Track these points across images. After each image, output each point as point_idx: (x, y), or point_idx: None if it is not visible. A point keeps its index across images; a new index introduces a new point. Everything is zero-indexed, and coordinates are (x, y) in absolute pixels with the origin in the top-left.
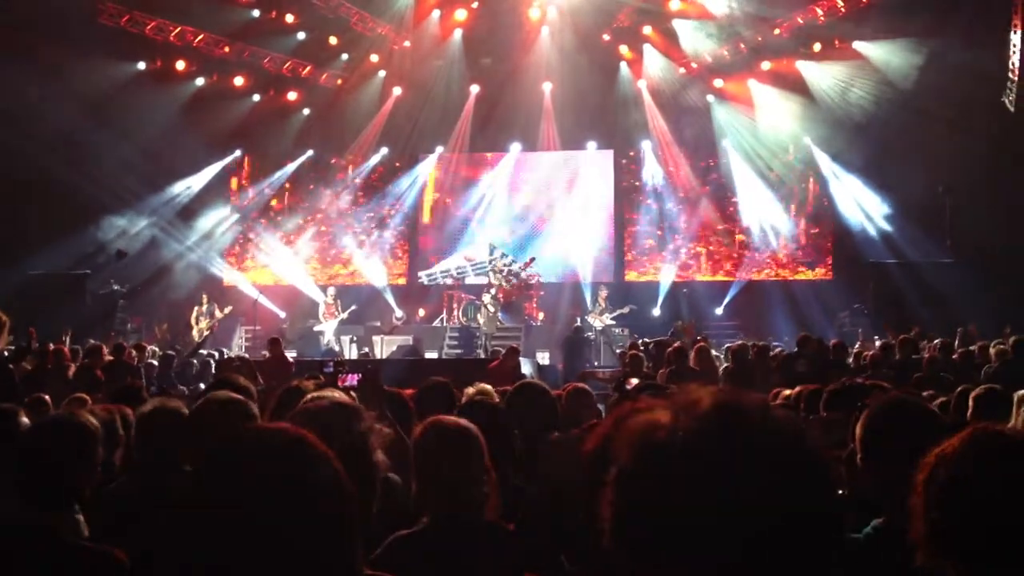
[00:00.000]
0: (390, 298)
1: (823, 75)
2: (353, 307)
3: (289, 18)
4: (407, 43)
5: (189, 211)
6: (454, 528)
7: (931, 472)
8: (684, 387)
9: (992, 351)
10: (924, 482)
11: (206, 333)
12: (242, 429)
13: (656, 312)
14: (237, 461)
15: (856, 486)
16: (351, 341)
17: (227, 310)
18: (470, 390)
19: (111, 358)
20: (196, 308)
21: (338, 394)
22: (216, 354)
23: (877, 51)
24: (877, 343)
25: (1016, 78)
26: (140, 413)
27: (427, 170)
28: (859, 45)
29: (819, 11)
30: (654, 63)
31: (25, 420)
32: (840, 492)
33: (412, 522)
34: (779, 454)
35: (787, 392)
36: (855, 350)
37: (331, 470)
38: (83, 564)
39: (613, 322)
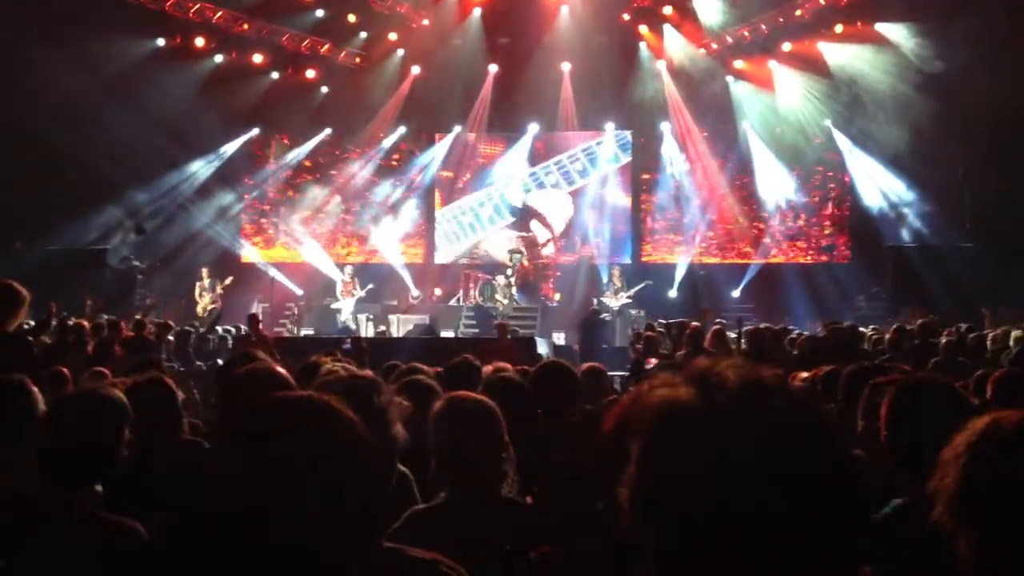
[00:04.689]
0: (407, 277)
1: (844, 56)
2: (370, 286)
3: None
4: (426, 21)
5: (207, 188)
6: (471, 503)
7: (967, 444)
8: (699, 362)
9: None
10: (955, 450)
11: (211, 307)
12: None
13: (673, 293)
14: (270, 424)
15: (871, 466)
16: (367, 319)
17: (227, 281)
18: (488, 369)
19: (131, 334)
20: (197, 284)
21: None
22: (233, 330)
23: (899, 33)
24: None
25: None
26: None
27: (444, 149)
28: (881, 26)
29: None
30: (674, 43)
31: (36, 392)
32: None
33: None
34: (802, 428)
35: (804, 374)
36: (871, 334)
37: (359, 435)
38: (103, 535)
39: (630, 301)
